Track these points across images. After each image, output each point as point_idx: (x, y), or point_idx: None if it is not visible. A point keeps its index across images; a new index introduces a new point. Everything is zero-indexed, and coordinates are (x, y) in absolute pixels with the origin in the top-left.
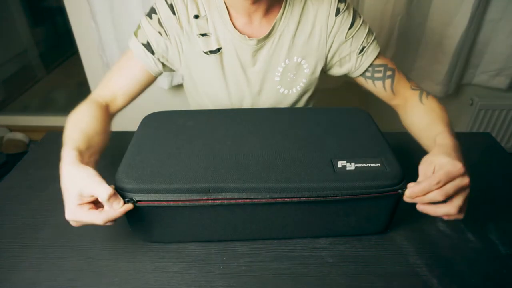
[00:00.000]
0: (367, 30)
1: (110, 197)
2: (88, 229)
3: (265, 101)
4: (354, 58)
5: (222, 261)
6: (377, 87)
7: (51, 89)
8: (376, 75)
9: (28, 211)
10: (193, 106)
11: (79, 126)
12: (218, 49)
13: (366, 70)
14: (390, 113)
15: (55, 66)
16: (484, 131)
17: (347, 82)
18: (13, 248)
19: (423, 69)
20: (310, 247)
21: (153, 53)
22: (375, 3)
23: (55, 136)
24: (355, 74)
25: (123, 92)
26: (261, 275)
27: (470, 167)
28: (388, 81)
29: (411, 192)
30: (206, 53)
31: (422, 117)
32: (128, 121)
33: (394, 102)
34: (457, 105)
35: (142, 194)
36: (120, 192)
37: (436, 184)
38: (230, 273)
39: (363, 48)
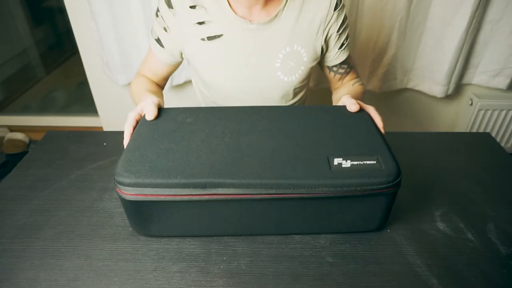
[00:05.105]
0: (348, 29)
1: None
2: (88, 229)
3: (266, 87)
4: (335, 51)
5: (222, 261)
6: (334, 78)
7: (51, 89)
8: (340, 70)
9: (28, 211)
10: (201, 98)
11: (141, 88)
12: (218, 36)
13: (336, 64)
14: (390, 113)
15: (55, 66)
16: (484, 131)
17: None
18: (13, 248)
19: (423, 69)
20: (310, 247)
21: (163, 47)
22: (375, 3)
23: (55, 136)
24: (326, 64)
25: (155, 75)
26: (261, 275)
27: (470, 167)
28: (344, 76)
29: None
30: (203, 39)
31: (346, 91)
32: None
33: (335, 86)
34: (457, 105)
35: (141, 188)
36: (120, 187)
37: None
38: (230, 273)
39: (343, 44)
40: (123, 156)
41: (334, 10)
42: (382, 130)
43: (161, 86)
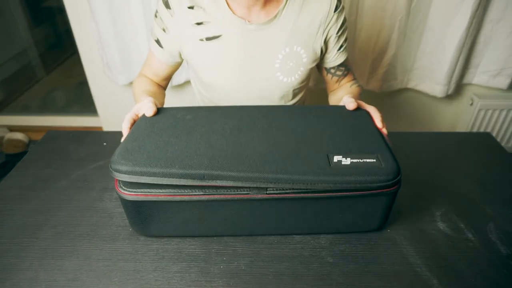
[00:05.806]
0: (347, 31)
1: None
2: (88, 229)
3: (265, 88)
4: (334, 53)
5: (222, 261)
6: (332, 80)
7: (51, 89)
8: (338, 72)
9: (28, 211)
10: (199, 98)
11: (141, 89)
12: (217, 36)
13: (334, 66)
14: (390, 113)
15: (55, 66)
16: (484, 131)
17: None
18: (13, 248)
19: (423, 69)
20: (310, 247)
21: (163, 47)
22: (375, 3)
23: (55, 136)
24: (324, 65)
25: (156, 75)
26: (261, 275)
27: (470, 167)
28: (341, 78)
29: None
30: (202, 40)
31: (344, 93)
32: None
33: (332, 88)
34: (457, 105)
35: (138, 177)
36: (115, 174)
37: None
38: (230, 273)
39: (342, 46)
40: (121, 146)
41: (334, 11)
42: (380, 125)
43: (162, 86)
